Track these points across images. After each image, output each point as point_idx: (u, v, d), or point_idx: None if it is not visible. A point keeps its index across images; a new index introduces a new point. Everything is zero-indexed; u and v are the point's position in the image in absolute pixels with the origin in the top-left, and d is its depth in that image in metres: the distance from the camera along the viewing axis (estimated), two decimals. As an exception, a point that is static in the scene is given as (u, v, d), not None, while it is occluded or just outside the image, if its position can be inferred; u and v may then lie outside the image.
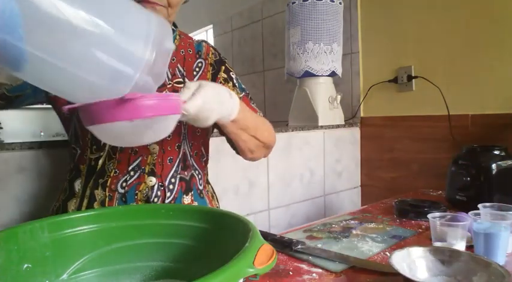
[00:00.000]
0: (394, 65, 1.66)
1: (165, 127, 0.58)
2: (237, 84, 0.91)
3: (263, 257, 0.41)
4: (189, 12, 3.05)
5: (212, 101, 0.64)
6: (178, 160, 0.83)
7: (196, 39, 0.94)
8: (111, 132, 0.54)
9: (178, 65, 0.86)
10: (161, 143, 0.80)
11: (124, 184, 0.78)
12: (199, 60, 0.90)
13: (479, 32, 1.39)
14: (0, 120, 4.50)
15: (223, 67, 0.92)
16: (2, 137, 4.34)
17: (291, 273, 0.67)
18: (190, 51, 0.89)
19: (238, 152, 0.94)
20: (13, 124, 4.62)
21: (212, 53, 0.92)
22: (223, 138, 1.00)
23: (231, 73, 0.92)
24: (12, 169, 0.96)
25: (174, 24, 0.91)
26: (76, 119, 0.81)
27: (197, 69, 0.89)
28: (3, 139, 4.19)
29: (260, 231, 0.50)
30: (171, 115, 0.57)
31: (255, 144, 0.84)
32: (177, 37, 0.89)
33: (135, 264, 0.60)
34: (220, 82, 0.89)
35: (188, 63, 0.88)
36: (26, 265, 0.51)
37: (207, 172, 0.95)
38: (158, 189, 0.79)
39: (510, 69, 1.32)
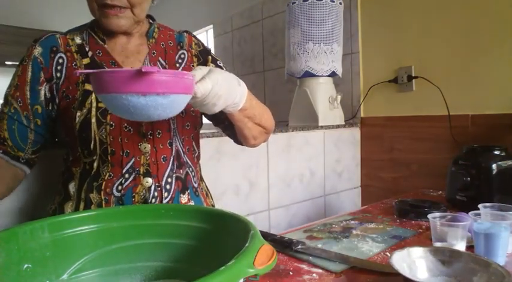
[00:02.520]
0: (394, 65, 1.66)
1: (176, 105, 0.57)
2: None
3: (263, 257, 0.41)
4: (189, 12, 3.05)
5: (221, 87, 0.63)
6: (172, 158, 0.81)
7: (177, 30, 0.93)
8: (121, 104, 0.52)
9: (160, 58, 0.85)
10: (152, 141, 0.78)
11: (120, 187, 0.76)
12: (181, 51, 0.89)
13: (479, 32, 1.39)
14: None
15: (209, 57, 0.92)
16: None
17: (291, 273, 0.67)
18: (171, 43, 0.88)
19: (236, 140, 0.93)
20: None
21: (195, 44, 0.92)
22: (223, 138, 1.00)
23: (218, 62, 0.92)
24: (12, 169, 0.96)
25: (152, 17, 0.90)
26: (61, 127, 0.80)
27: (180, 60, 0.88)
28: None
29: (260, 231, 0.50)
30: (184, 94, 0.56)
31: (258, 131, 0.85)
32: (156, 30, 0.88)
33: (135, 264, 0.60)
34: None
35: (170, 55, 0.87)
36: (26, 265, 0.51)
37: (200, 168, 0.94)
38: (155, 190, 0.77)
39: (510, 69, 1.32)
